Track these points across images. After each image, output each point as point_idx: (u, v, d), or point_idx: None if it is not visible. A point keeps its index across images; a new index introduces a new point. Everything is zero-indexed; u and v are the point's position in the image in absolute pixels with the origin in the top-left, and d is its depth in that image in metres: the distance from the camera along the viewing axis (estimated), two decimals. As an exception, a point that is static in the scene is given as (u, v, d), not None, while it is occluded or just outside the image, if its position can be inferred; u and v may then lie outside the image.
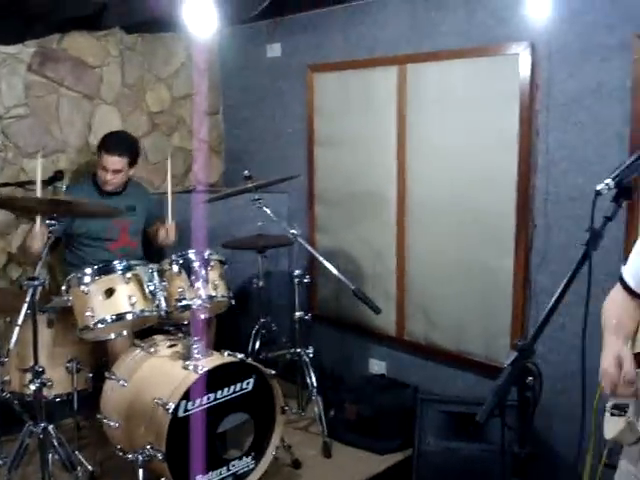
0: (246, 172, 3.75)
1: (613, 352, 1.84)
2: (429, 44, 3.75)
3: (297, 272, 3.80)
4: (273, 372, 3.28)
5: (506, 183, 3.48)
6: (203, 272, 3.43)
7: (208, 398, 3.08)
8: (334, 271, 3.49)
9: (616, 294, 2.03)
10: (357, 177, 4.22)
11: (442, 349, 3.89)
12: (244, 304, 4.41)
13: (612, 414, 1.90)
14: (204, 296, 3.36)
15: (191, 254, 3.48)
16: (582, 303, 3.22)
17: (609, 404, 1.92)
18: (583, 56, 3.20)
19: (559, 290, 1.69)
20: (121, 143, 3.96)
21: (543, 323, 1.69)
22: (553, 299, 1.69)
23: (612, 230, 3.04)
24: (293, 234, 3.59)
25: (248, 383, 3.22)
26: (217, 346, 3.77)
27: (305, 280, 3.80)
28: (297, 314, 3.82)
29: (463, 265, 3.73)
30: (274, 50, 4.63)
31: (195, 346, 3.18)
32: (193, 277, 3.40)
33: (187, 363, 3.12)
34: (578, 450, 1.93)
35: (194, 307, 3.27)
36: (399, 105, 3.89)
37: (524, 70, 3.36)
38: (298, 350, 3.84)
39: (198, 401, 3.04)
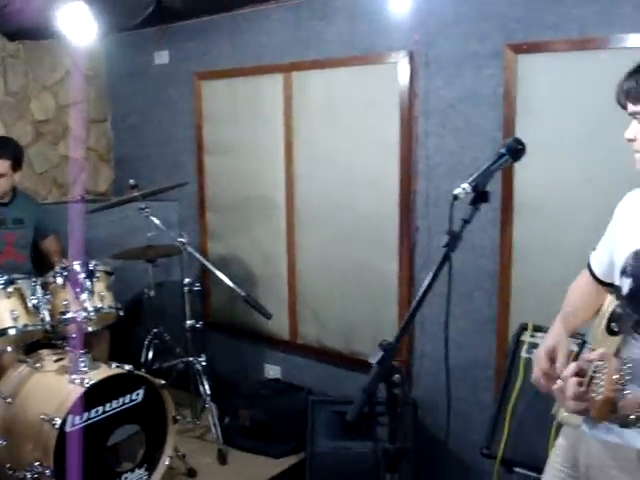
0: (132, 181, 3.71)
1: (551, 342, 1.86)
2: (314, 52, 3.82)
3: (187, 280, 3.79)
4: (163, 382, 3.26)
5: (389, 187, 3.58)
6: (88, 284, 3.37)
7: (96, 411, 3.03)
8: (224, 278, 3.51)
9: (582, 279, 2.04)
10: (247, 183, 4.24)
11: (334, 351, 3.96)
12: (138, 315, 4.36)
13: None
14: (90, 308, 3.30)
15: (76, 266, 3.41)
16: (462, 301, 3.38)
17: None
18: (458, 65, 3.34)
19: (421, 291, 1.75)
20: (2, 146, 3.85)
21: (407, 323, 1.75)
22: (415, 300, 1.75)
23: (488, 231, 3.21)
24: (181, 242, 3.58)
25: (137, 394, 3.19)
26: (112, 358, 3.72)
27: (195, 288, 3.79)
28: (188, 323, 3.81)
29: (351, 267, 3.81)
30: (162, 57, 4.59)
31: (81, 359, 3.13)
32: (78, 289, 3.34)
33: (73, 377, 3.07)
34: (445, 442, 2.01)
35: (79, 320, 3.21)
36: (286, 112, 3.94)
37: (403, 78, 3.47)
38: (190, 359, 3.83)
39: (85, 415, 2.99)
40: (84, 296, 3.32)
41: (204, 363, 3.79)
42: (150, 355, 3.96)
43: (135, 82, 4.82)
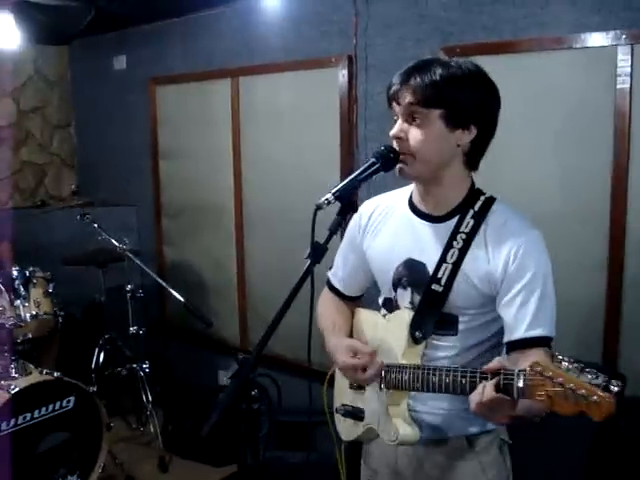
0: (73, 186, 3.71)
1: (343, 346, 1.82)
2: (260, 57, 3.79)
3: (129, 287, 3.77)
4: (94, 389, 3.25)
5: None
6: (23, 290, 3.36)
7: (24, 418, 3.02)
8: (165, 285, 3.49)
9: (327, 298, 2.05)
10: (199, 188, 4.23)
11: (283, 358, 3.91)
12: (96, 320, 4.34)
13: (345, 415, 1.91)
14: (24, 315, 3.29)
15: (14, 271, 3.40)
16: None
17: (339, 405, 1.93)
18: (396, 68, 3.25)
19: (282, 304, 1.72)
20: None
21: (267, 336, 1.71)
22: (276, 314, 1.72)
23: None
24: (122, 248, 3.57)
25: (69, 401, 3.18)
26: (63, 364, 3.71)
27: (138, 294, 3.77)
28: (131, 329, 3.79)
29: (297, 274, 3.74)
30: (120, 62, 4.60)
31: (12, 365, 3.13)
32: (13, 296, 3.33)
33: (2, 383, 3.05)
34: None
35: (8, 326, 3.20)
36: (233, 117, 3.93)
37: (342, 83, 3.43)
38: (134, 365, 3.80)
39: (13, 421, 2.98)
40: (18, 302, 3.31)
41: (147, 370, 3.77)
42: (101, 360, 3.94)
43: (97, 87, 4.82)
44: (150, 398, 3.72)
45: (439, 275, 1.69)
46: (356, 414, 1.87)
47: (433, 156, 1.66)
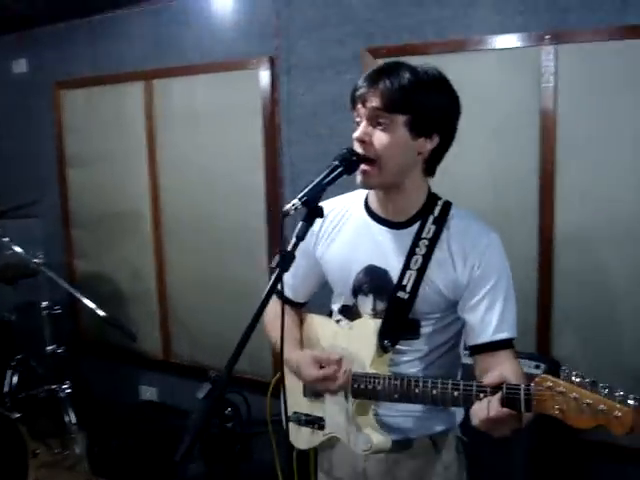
0: (-21, 199, 3.46)
1: (307, 359, 1.75)
2: (174, 59, 3.68)
3: (44, 303, 3.57)
4: (17, 415, 3.05)
5: (256, 197, 3.48)
6: None
7: (-59, 451, 2.81)
8: (82, 299, 3.29)
9: (276, 308, 1.82)
10: (112, 196, 4.07)
11: (208, 368, 3.80)
12: (6, 340, 4.08)
13: (300, 424, 1.85)
14: None
15: None
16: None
17: (291, 414, 1.88)
18: (319, 70, 3.26)
19: (254, 314, 1.64)
20: None
21: (237, 351, 1.63)
22: (248, 324, 1.64)
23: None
24: (35, 262, 3.36)
25: (-11, 429, 2.98)
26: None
27: (54, 311, 3.57)
28: (49, 348, 3.58)
29: (221, 281, 3.68)
30: (20, 66, 4.35)
31: None
32: None
33: None
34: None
35: None
36: (147, 121, 3.80)
37: (264, 85, 3.38)
38: (53, 387, 3.59)
39: None
40: None
41: (68, 391, 3.57)
42: (14, 383, 3.70)
43: (-6, 92, 4.54)
44: (73, 420, 3.52)
45: (404, 282, 1.68)
46: (315, 423, 1.82)
47: (395, 162, 1.63)
